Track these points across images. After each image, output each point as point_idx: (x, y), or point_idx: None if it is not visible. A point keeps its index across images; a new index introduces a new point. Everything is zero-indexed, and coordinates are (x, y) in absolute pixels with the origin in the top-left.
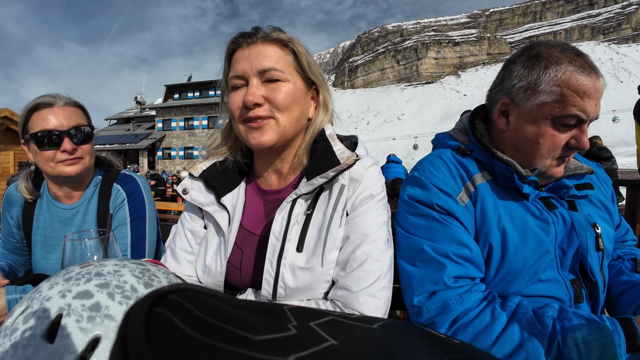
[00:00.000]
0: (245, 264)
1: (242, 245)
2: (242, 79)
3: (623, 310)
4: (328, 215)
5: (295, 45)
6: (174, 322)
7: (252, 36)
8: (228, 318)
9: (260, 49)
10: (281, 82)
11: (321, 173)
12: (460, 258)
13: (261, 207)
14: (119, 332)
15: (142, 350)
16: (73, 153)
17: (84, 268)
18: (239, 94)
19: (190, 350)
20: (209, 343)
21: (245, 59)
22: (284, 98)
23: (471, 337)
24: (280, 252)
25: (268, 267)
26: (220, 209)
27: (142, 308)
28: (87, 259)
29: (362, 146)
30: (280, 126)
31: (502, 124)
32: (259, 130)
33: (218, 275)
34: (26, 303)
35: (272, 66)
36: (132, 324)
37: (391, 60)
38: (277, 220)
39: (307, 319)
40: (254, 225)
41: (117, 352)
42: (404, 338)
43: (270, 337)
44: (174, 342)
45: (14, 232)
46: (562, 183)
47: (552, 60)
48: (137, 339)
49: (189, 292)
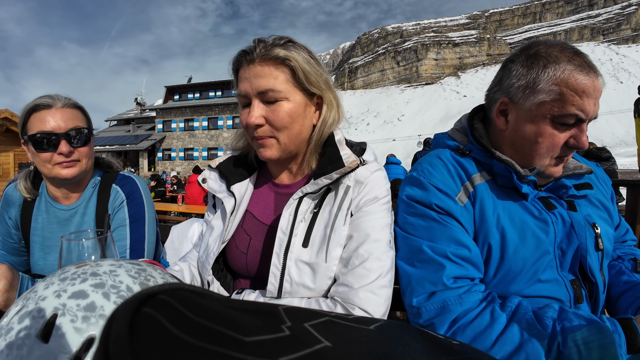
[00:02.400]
0: (252, 250)
1: (250, 232)
2: (245, 97)
3: (623, 311)
4: (333, 214)
5: (292, 62)
6: (161, 322)
7: (251, 54)
8: (219, 319)
9: (258, 70)
10: (280, 102)
11: (326, 175)
12: (459, 258)
13: (272, 199)
14: (102, 332)
15: (123, 350)
16: (70, 156)
17: (80, 268)
18: (245, 113)
19: (174, 351)
20: (197, 344)
21: (246, 79)
22: (282, 119)
23: (471, 338)
24: (287, 246)
25: (275, 260)
26: (229, 195)
27: (129, 308)
28: (85, 259)
29: (371, 152)
30: (281, 144)
31: (501, 123)
32: (263, 147)
33: (211, 255)
34: (22, 302)
35: (269, 87)
36: (116, 324)
37: (391, 61)
38: (285, 216)
39: (301, 320)
40: (265, 215)
41: (99, 352)
42: (401, 339)
43: (262, 338)
44: (158, 343)
45: (12, 233)
46: (561, 183)
47: (551, 59)
48: (119, 339)
49: (181, 292)
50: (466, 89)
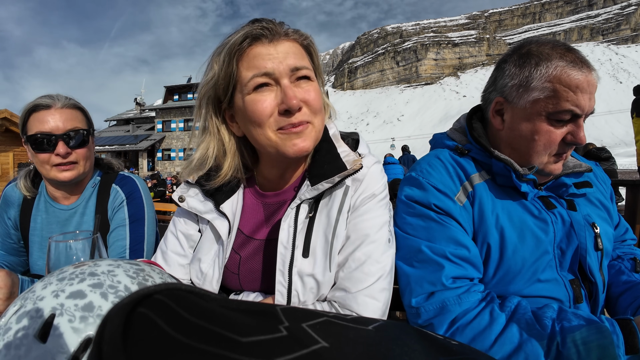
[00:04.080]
0: (243, 268)
1: (239, 250)
2: (270, 77)
3: (623, 310)
4: (334, 219)
5: (311, 45)
6: (156, 322)
7: (272, 30)
8: (216, 319)
9: (288, 47)
10: (310, 82)
11: (327, 177)
12: (458, 258)
13: (260, 211)
14: (97, 333)
15: (116, 351)
16: (67, 157)
17: (78, 268)
18: (268, 98)
19: (168, 352)
20: (192, 345)
21: (271, 56)
22: (317, 99)
23: (470, 338)
24: (290, 260)
25: (280, 278)
26: (220, 216)
27: (124, 308)
28: (73, 261)
29: (364, 144)
30: (316, 131)
31: (498, 123)
32: (301, 136)
33: (214, 283)
34: (20, 302)
35: (304, 64)
36: (110, 324)
37: (390, 61)
38: (284, 228)
39: (299, 320)
40: (253, 230)
41: (93, 353)
42: (399, 340)
43: (259, 338)
44: (153, 344)
45: (11, 233)
46: (561, 181)
47: (543, 57)
48: (112, 340)
49: (178, 292)
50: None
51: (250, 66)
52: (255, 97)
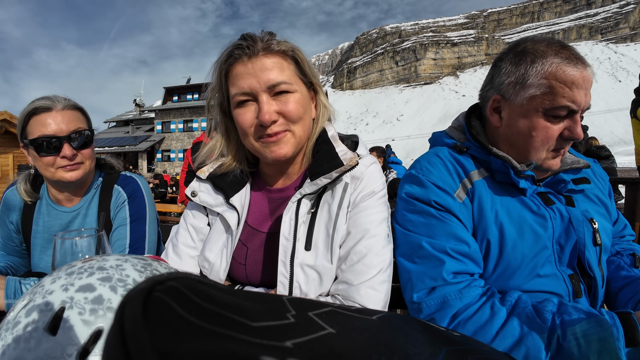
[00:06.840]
0: (250, 260)
1: (246, 242)
2: (249, 95)
3: (623, 306)
4: (334, 213)
5: (297, 53)
6: (172, 306)
7: (252, 47)
8: (226, 305)
9: (265, 63)
10: (290, 94)
11: (325, 174)
12: (459, 254)
13: (266, 205)
14: (116, 314)
15: (139, 328)
16: (73, 159)
17: (87, 263)
18: (249, 111)
19: (187, 333)
20: (207, 327)
21: (249, 75)
22: (296, 110)
23: (471, 333)
24: (292, 252)
25: (282, 269)
26: (230, 209)
27: (141, 292)
28: (78, 258)
29: (363, 145)
30: (296, 137)
31: (495, 120)
32: (277, 144)
33: (221, 272)
34: (28, 297)
35: (281, 80)
36: (130, 305)
37: (390, 61)
38: (285, 221)
39: (305, 309)
40: (259, 222)
41: (114, 331)
42: (403, 329)
43: (268, 324)
44: (171, 324)
45: (13, 237)
46: (559, 177)
47: (538, 55)
48: (134, 318)
49: (189, 280)
50: (465, 89)
51: (233, 84)
52: (239, 111)
